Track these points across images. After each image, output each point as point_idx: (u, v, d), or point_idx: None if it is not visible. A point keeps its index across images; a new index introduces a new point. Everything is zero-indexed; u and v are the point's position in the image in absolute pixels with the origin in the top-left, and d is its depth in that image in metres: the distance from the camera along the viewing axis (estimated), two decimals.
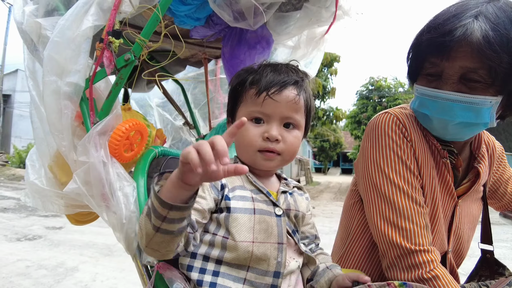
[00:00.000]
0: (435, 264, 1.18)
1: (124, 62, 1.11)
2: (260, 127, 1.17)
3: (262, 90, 1.14)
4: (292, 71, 1.23)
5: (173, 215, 0.85)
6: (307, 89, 1.25)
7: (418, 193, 1.25)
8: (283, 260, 1.09)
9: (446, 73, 1.19)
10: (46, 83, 1.09)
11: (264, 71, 1.20)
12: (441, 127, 1.26)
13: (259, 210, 1.13)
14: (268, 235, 1.10)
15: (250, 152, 1.18)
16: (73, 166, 1.10)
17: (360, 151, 1.40)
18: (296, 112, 1.19)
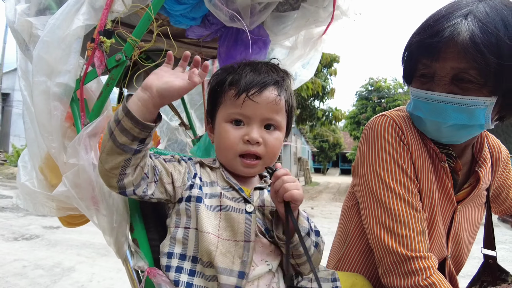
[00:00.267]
0: (432, 271, 1.15)
1: (115, 62, 1.09)
2: (240, 129, 1.15)
3: (241, 91, 1.12)
4: (272, 71, 1.20)
5: (126, 123, 0.93)
6: (288, 89, 1.22)
7: (415, 198, 1.23)
8: (249, 260, 1.05)
9: (437, 74, 1.17)
10: (35, 83, 1.07)
11: (243, 71, 1.17)
12: (435, 130, 1.24)
13: (225, 207, 1.09)
14: (234, 233, 1.07)
15: (230, 156, 1.16)
16: (63, 168, 1.08)
17: (357, 154, 1.38)
18: (277, 113, 1.16)
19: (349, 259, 1.45)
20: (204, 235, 1.03)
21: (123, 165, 0.98)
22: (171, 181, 1.11)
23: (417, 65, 1.24)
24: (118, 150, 0.95)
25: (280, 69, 1.24)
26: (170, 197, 1.11)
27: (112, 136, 0.95)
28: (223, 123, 1.17)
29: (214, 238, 1.03)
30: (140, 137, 0.96)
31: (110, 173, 0.99)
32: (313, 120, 19.69)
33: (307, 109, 18.47)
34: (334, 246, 1.58)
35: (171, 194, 1.10)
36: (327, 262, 1.61)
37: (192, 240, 1.06)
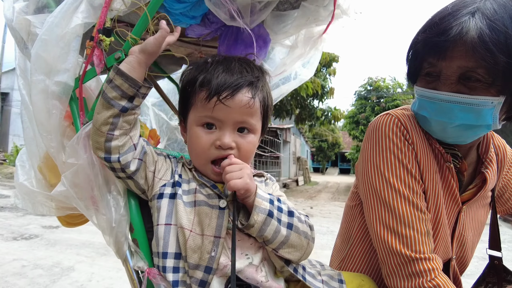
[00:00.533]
0: (437, 273, 1.14)
1: (115, 60, 1.08)
2: (211, 133, 1.11)
3: (212, 95, 1.07)
4: (246, 70, 1.15)
5: (116, 80, 1.02)
6: (264, 88, 1.18)
7: (419, 199, 1.21)
8: (218, 256, 1.04)
9: (444, 73, 1.15)
10: (34, 82, 1.05)
11: (215, 70, 1.12)
12: (440, 130, 1.21)
13: (199, 202, 1.09)
14: (205, 227, 1.06)
15: (202, 162, 1.14)
16: (62, 168, 1.07)
17: (360, 154, 1.35)
18: (251, 116, 1.13)
19: (352, 259, 1.44)
20: (180, 230, 1.04)
21: (111, 122, 1.03)
22: (153, 170, 1.12)
23: (423, 63, 1.22)
24: (107, 104, 1.02)
25: (255, 67, 1.20)
26: (147, 188, 1.11)
27: (104, 94, 1.03)
28: (195, 126, 1.14)
29: (187, 232, 1.04)
30: (128, 93, 1.04)
31: (99, 131, 1.02)
32: (312, 120, 19.67)
33: (306, 108, 18.45)
34: (337, 247, 1.57)
35: (149, 184, 1.11)
36: (330, 263, 1.60)
37: (174, 236, 1.06)
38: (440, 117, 1.17)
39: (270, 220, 1.05)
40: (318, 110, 18.97)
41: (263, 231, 1.05)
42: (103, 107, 1.03)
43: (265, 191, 1.19)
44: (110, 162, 1.05)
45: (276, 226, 1.06)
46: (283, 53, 2.20)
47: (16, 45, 1.37)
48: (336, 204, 14.33)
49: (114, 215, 1.05)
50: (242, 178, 1.04)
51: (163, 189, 1.11)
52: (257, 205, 1.05)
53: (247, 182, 1.04)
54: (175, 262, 1.05)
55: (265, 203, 1.07)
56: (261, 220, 1.04)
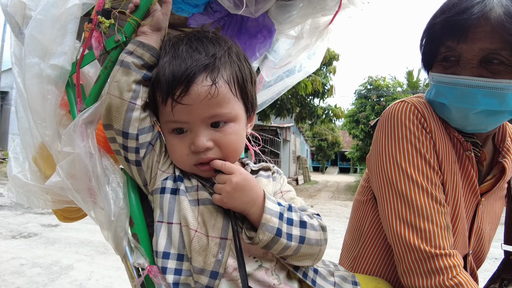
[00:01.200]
0: (458, 270, 1.07)
1: (114, 43, 1.01)
2: (184, 138, 0.99)
3: (165, 97, 0.94)
4: (198, 50, 0.97)
5: (138, 51, 0.98)
6: (227, 63, 0.98)
7: (438, 191, 1.14)
8: (225, 259, 0.93)
9: (464, 57, 1.09)
10: (27, 65, 0.98)
11: (162, 62, 0.97)
12: (461, 117, 1.15)
13: (203, 200, 0.99)
14: (210, 228, 0.95)
15: (187, 168, 1.03)
16: (57, 158, 0.99)
17: (373, 144, 1.28)
18: (220, 106, 0.96)
19: (365, 258, 1.36)
20: (185, 230, 0.95)
21: (134, 89, 0.95)
22: (159, 160, 1.03)
23: (439, 48, 1.15)
24: (128, 70, 0.96)
25: (209, 41, 1.01)
26: (149, 180, 1.02)
27: (123, 63, 0.96)
28: (166, 134, 1.04)
29: (192, 233, 0.94)
30: (149, 62, 0.98)
31: (120, 99, 0.95)
32: (313, 118, 19.63)
33: (307, 107, 18.40)
34: (346, 246, 1.49)
35: (151, 175, 1.02)
36: (340, 262, 1.51)
37: (177, 235, 0.96)
38: (461, 103, 1.11)
39: (277, 239, 0.93)
40: (318, 108, 18.93)
41: (269, 248, 0.95)
42: (122, 74, 0.96)
43: (273, 188, 1.11)
44: (126, 138, 0.96)
45: (284, 243, 0.94)
46: (288, 44, 2.14)
47: (11, 31, 1.30)
48: (336, 203, 14.32)
49: (113, 208, 0.98)
50: (221, 196, 0.94)
51: (165, 183, 1.02)
52: (264, 223, 0.93)
53: (224, 203, 0.94)
54: (177, 264, 0.95)
55: (273, 220, 0.94)
56: (267, 239, 0.92)
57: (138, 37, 1.02)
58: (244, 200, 0.94)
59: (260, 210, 0.95)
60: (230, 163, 0.99)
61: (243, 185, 0.95)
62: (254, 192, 0.97)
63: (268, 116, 17.91)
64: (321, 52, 2.16)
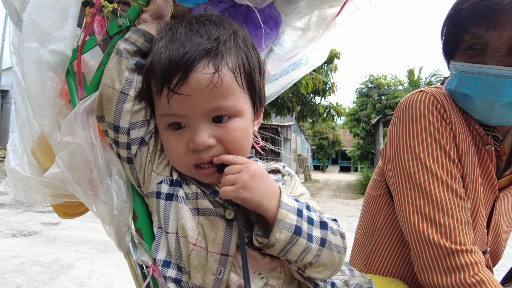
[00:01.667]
0: (480, 267, 1.01)
1: (118, 28, 0.96)
2: (181, 134, 0.87)
3: (160, 86, 0.82)
4: (199, 33, 0.84)
5: (132, 37, 0.91)
6: (232, 49, 0.86)
7: (458, 184, 1.08)
8: (225, 277, 0.82)
9: (492, 45, 1.03)
10: (25, 50, 0.93)
11: (157, 47, 0.85)
12: (486, 109, 1.09)
13: (203, 210, 0.87)
14: (209, 242, 0.84)
15: (184, 169, 0.91)
16: (56, 148, 0.94)
17: (388, 136, 1.22)
18: (223, 97, 0.83)
19: (379, 255, 1.30)
20: (183, 241, 0.85)
21: (126, 77, 0.87)
22: (154, 160, 0.92)
23: (464, 35, 1.09)
24: (120, 58, 0.89)
25: (212, 24, 0.88)
26: (143, 181, 0.92)
27: (117, 50, 0.90)
28: (162, 130, 0.92)
29: (190, 246, 0.84)
30: (143, 48, 0.91)
31: (111, 88, 0.87)
32: (314, 116, 19.59)
33: (308, 105, 18.35)
34: (359, 242, 1.44)
35: (145, 176, 0.92)
36: (351, 260, 1.46)
37: (173, 246, 0.87)
38: (488, 94, 1.05)
39: (297, 239, 0.80)
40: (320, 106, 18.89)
41: (287, 252, 0.81)
42: (116, 62, 0.89)
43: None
44: (117, 132, 0.87)
45: (304, 245, 0.81)
46: (295, 36, 2.08)
47: (10, 19, 1.26)
48: (337, 201, 14.29)
49: (116, 201, 0.92)
50: (235, 186, 0.81)
51: (160, 187, 0.91)
52: (280, 219, 0.80)
53: (239, 193, 0.80)
54: (177, 274, 0.87)
55: (291, 216, 0.81)
56: (285, 239, 0.79)
57: (140, 25, 0.97)
58: (263, 191, 0.82)
59: (278, 204, 0.83)
60: (241, 156, 0.88)
61: (261, 173, 0.85)
62: (272, 184, 0.86)
63: (269, 114, 17.86)
64: (328, 45, 2.11)
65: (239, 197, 0.81)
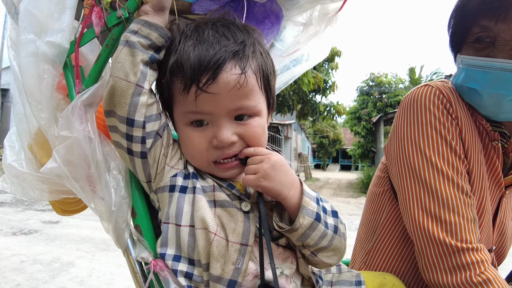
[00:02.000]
0: (486, 265, 0.98)
1: (116, 20, 0.93)
2: (204, 131, 0.90)
3: (189, 84, 0.84)
4: (226, 36, 0.89)
5: (143, 30, 0.88)
6: (255, 53, 0.91)
7: (464, 180, 1.06)
8: (244, 267, 0.85)
9: (501, 37, 1.00)
10: (22, 42, 0.90)
11: (185, 47, 0.87)
12: (493, 104, 1.06)
13: (221, 202, 0.90)
14: (229, 232, 0.87)
15: (203, 165, 0.94)
16: (54, 143, 0.92)
17: (392, 131, 1.19)
18: (247, 97, 0.89)
19: (380, 252, 1.28)
20: (203, 233, 0.86)
21: (141, 70, 0.85)
22: (167, 154, 0.93)
23: (472, 28, 1.06)
24: (134, 50, 0.86)
25: (236, 28, 0.93)
26: (155, 176, 0.92)
27: (128, 42, 0.86)
28: (182, 126, 0.94)
29: (212, 236, 0.85)
30: (157, 42, 0.89)
31: (125, 81, 0.84)
32: (315, 115, 19.56)
33: (309, 103, 18.32)
34: (360, 238, 1.41)
35: (158, 170, 0.91)
36: (352, 258, 1.44)
37: (185, 240, 0.87)
38: (496, 89, 1.02)
39: (317, 225, 0.88)
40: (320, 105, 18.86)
41: (306, 236, 0.88)
42: (128, 54, 0.85)
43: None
44: (132, 126, 0.85)
45: (322, 231, 0.89)
46: (296, 31, 2.06)
47: (7, 12, 1.23)
48: (338, 200, 14.28)
49: (114, 197, 0.90)
50: (256, 175, 0.87)
51: (174, 180, 0.92)
52: (304, 206, 0.87)
53: (260, 182, 0.86)
54: (188, 268, 0.87)
55: (312, 204, 0.89)
56: (307, 224, 0.86)
57: (141, 16, 0.94)
58: (283, 181, 0.88)
59: (299, 193, 0.90)
60: (262, 148, 0.94)
61: (281, 164, 0.90)
62: (292, 174, 0.92)
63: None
64: (330, 40, 2.09)
65: (261, 185, 0.87)
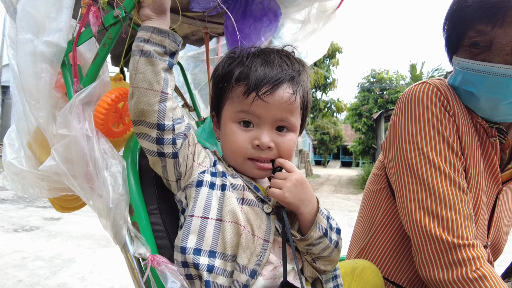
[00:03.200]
0: (482, 262, 1.00)
1: (113, 19, 0.94)
2: (249, 131, 1.03)
3: (251, 90, 0.99)
4: (286, 63, 1.06)
5: (155, 38, 0.93)
6: (304, 84, 1.09)
7: (461, 177, 1.07)
8: (264, 260, 0.94)
9: (497, 42, 1.01)
10: (20, 42, 0.91)
11: (253, 63, 1.02)
12: (490, 107, 1.07)
13: (249, 201, 1.00)
14: (256, 228, 0.96)
15: (239, 159, 1.05)
16: (52, 141, 0.93)
17: (390, 128, 1.20)
18: (291, 113, 1.04)
19: (374, 248, 1.30)
20: (233, 226, 0.94)
21: (164, 77, 0.93)
22: (193, 152, 1.02)
23: (467, 32, 1.07)
24: (153, 59, 0.92)
25: (295, 60, 1.10)
26: (184, 173, 0.99)
27: (143, 52, 0.92)
28: (230, 123, 1.05)
29: (241, 229, 0.94)
30: (171, 48, 0.96)
31: (151, 90, 0.91)
32: (315, 112, 19.54)
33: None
34: (356, 235, 1.43)
35: (187, 167, 1.00)
36: (348, 253, 1.46)
37: (210, 232, 0.94)
38: (493, 93, 1.03)
39: (323, 239, 1.00)
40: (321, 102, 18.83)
41: (313, 247, 1.00)
42: (147, 64, 0.92)
43: None
44: (163, 130, 0.93)
45: (327, 244, 1.01)
46: (295, 28, 2.06)
47: (6, 11, 1.24)
48: (338, 196, 14.27)
49: (112, 194, 0.92)
50: (281, 190, 0.98)
51: (203, 176, 1.01)
52: (317, 222, 1.00)
53: (284, 197, 0.97)
54: (209, 260, 0.92)
55: (324, 221, 1.02)
56: (316, 237, 0.99)
57: (144, 22, 0.97)
58: (303, 197, 0.99)
59: (315, 210, 1.01)
60: (290, 163, 1.05)
61: (302, 182, 1.01)
62: (310, 192, 1.02)
63: None
64: (328, 37, 2.09)
65: (284, 200, 0.98)
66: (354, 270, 1.22)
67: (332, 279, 1.13)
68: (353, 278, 1.22)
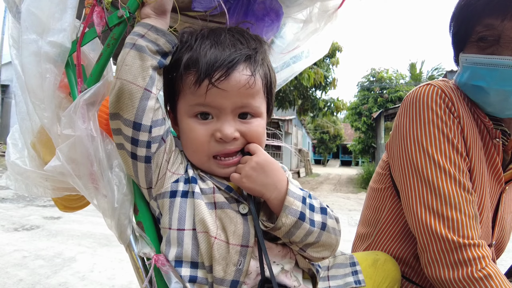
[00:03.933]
0: (487, 261, 1.00)
1: (117, 19, 0.94)
2: (208, 124, 0.93)
3: (202, 77, 0.88)
4: (240, 41, 0.95)
5: (150, 35, 0.90)
6: (264, 61, 0.99)
7: (465, 178, 1.08)
8: (245, 268, 0.88)
9: (506, 35, 1.02)
10: (24, 42, 0.92)
11: (201, 46, 0.92)
12: (500, 100, 1.08)
13: (220, 204, 0.92)
14: (230, 235, 0.89)
15: (203, 158, 0.96)
16: (57, 141, 0.93)
17: (394, 129, 1.21)
18: (252, 98, 0.94)
19: (379, 247, 1.30)
20: (204, 236, 0.88)
21: (150, 74, 0.87)
22: (168, 159, 0.94)
23: (475, 27, 1.08)
24: (142, 54, 0.87)
25: (250, 37, 1.00)
26: (156, 181, 0.93)
27: (136, 46, 0.88)
28: (186, 118, 0.96)
29: (212, 239, 0.88)
30: (164, 48, 0.91)
31: (133, 85, 0.85)
32: (314, 111, 19.53)
33: (309, 99, 18.30)
34: (360, 234, 1.44)
35: (159, 175, 0.93)
36: (352, 251, 1.46)
37: (188, 243, 0.89)
38: (504, 85, 1.04)
39: (301, 224, 0.89)
40: (320, 101, 18.82)
41: (291, 234, 0.90)
42: (136, 58, 0.87)
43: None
44: (138, 130, 0.86)
45: (307, 229, 0.90)
46: (296, 28, 2.06)
47: (9, 11, 1.24)
48: (338, 195, 14.31)
49: (116, 194, 0.92)
50: (239, 175, 0.92)
51: (176, 186, 0.93)
52: (287, 206, 0.89)
53: (243, 182, 0.90)
54: (191, 271, 0.89)
55: (296, 203, 0.90)
56: (290, 223, 0.88)
57: (144, 19, 0.95)
58: (264, 182, 0.91)
59: (283, 195, 0.91)
60: (257, 144, 0.97)
61: (262, 165, 0.92)
62: (276, 175, 0.93)
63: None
64: (330, 37, 2.09)
65: (243, 186, 0.91)
66: (376, 262, 1.18)
67: (352, 273, 1.08)
68: (375, 270, 1.17)
